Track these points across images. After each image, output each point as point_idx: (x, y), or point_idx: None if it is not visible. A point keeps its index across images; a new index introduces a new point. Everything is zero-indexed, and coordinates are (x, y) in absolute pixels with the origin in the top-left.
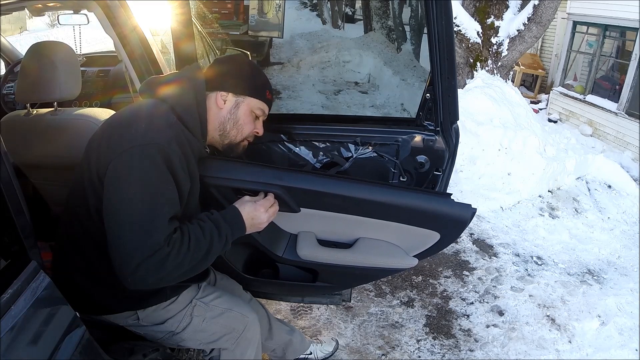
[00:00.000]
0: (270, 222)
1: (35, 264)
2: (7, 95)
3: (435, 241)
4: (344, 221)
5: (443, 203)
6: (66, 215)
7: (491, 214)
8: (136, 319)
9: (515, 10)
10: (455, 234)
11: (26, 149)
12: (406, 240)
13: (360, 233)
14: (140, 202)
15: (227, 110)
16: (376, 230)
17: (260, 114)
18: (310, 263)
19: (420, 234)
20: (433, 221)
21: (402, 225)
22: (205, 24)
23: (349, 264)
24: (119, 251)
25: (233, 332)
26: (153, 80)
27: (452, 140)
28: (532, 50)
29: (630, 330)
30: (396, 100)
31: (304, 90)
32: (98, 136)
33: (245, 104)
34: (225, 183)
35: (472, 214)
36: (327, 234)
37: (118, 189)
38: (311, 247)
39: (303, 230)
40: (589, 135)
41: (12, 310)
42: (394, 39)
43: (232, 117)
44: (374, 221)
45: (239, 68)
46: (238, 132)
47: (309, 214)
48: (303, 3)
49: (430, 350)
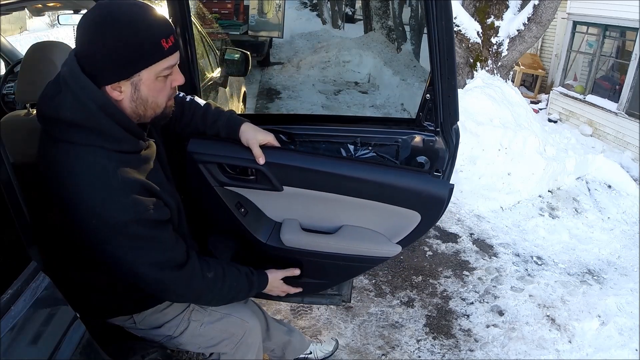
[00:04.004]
0: (256, 209)
1: (35, 264)
2: (7, 95)
3: (417, 223)
4: (327, 204)
5: (420, 179)
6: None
7: (491, 214)
8: (132, 322)
9: (515, 10)
10: (435, 213)
11: (26, 149)
12: (388, 223)
13: (343, 219)
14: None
15: (128, 98)
16: (357, 211)
17: (169, 71)
18: (293, 251)
19: (401, 215)
20: (411, 198)
21: (383, 205)
22: (205, 24)
23: (332, 251)
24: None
25: (232, 337)
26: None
27: (452, 141)
28: (532, 50)
29: (630, 330)
30: (396, 100)
31: (304, 90)
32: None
33: (144, 80)
34: (211, 159)
35: (449, 190)
36: (311, 220)
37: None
38: (295, 233)
39: (287, 218)
40: (589, 135)
41: (12, 310)
42: (394, 39)
43: (138, 101)
44: (355, 201)
45: (105, 46)
46: (156, 106)
47: (293, 197)
48: (303, 3)
49: (430, 350)
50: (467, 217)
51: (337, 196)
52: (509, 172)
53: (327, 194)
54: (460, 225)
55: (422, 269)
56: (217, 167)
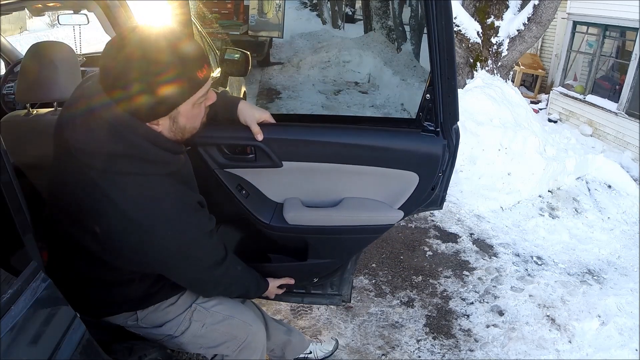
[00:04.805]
0: (257, 192)
1: (35, 264)
2: (7, 95)
3: (416, 185)
4: (326, 175)
5: (412, 138)
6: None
7: (491, 214)
8: (135, 319)
9: (515, 10)
10: (432, 171)
11: (26, 149)
12: (388, 188)
13: (343, 191)
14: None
15: (167, 129)
16: (356, 179)
17: (205, 97)
18: (297, 229)
19: (399, 177)
20: (406, 159)
21: (380, 169)
22: (205, 24)
23: (336, 224)
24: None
25: (235, 340)
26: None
27: (452, 141)
28: (532, 50)
29: (630, 330)
30: (396, 100)
31: (304, 90)
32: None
33: (182, 112)
34: (209, 141)
35: (443, 146)
36: (312, 196)
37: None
38: (297, 210)
39: (289, 197)
40: (589, 135)
41: (12, 310)
42: (394, 39)
43: (177, 130)
44: (353, 168)
45: (142, 88)
46: (193, 130)
47: (292, 173)
48: (303, 3)
49: (430, 350)
50: (467, 217)
51: (335, 166)
52: (509, 172)
53: (326, 164)
54: (460, 225)
55: (422, 269)
56: (216, 149)
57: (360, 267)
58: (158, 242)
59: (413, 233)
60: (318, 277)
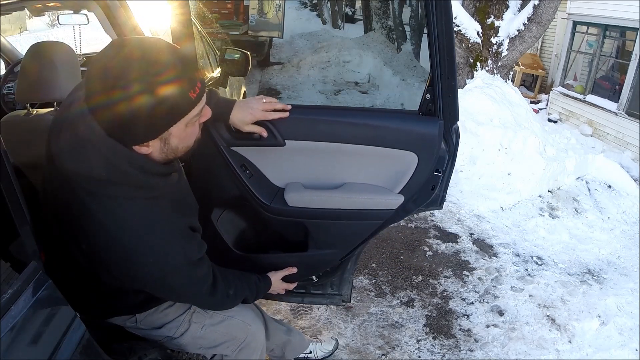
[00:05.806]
0: (259, 174)
1: (35, 264)
2: (7, 95)
3: (415, 165)
4: (327, 156)
5: (409, 119)
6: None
7: (491, 214)
8: (134, 321)
9: (515, 10)
10: (430, 151)
11: (26, 149)
12: (388, 170)
13: (344, 173)
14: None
15: (158, 150)
16: (357, 159)
17: (198, 116)
18: (298, 211)
19: (398, 158)
20: (405, 138)
21: (380, 149)
22: (205, 24)
23: (336, 206)
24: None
25: (234, 340)
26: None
27: (452, 141)
28: (532, 50)
29: (630, 330)
30: (396, 100)
31: (304, 90)
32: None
33: (174, 133)
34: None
35: (439, 126)
36: (313, 179)
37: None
38: (298, 191)
39: (290, 182)
40: (589, 135)
41: (12, 310)
42: (394, 39)
43: (169, 151)
44: (354, 148)
45: (131, 113)
46: (186, 149)
47: (294, 153)
48: (303, 3)
49: (430, 350)
50: (467, 217)
51: (337, 145)
52: (509, 172)
53: (328, 143)
54: (460, 225)
55: (422, 269)
56: (224, 126)
57: (360, 267)
58: (141, 269)
59: (413, 233)
60: (318, 275)
